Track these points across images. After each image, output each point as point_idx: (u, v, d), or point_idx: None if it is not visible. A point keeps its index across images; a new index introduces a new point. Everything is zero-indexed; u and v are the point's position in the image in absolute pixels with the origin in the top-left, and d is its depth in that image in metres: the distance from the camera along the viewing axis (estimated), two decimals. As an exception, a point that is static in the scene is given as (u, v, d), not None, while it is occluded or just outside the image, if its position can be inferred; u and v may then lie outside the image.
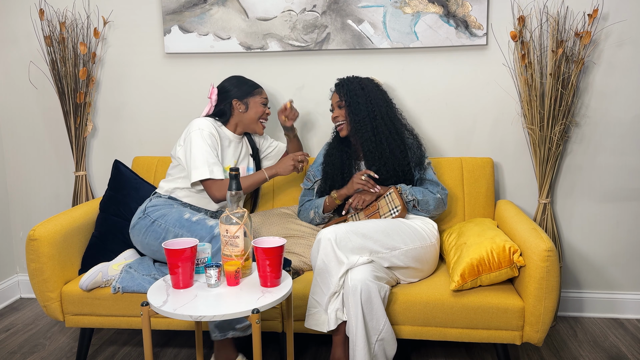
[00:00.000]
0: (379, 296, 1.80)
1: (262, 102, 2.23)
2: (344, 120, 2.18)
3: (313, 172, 2.30)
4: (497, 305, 1.85)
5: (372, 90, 2.18)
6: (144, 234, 2.05)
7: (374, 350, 1.80)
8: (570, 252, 2.51)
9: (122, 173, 2.34)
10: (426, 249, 1.99)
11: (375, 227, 1.93)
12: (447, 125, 2.49)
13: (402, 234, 1.95)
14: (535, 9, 2.33)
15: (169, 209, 2.07)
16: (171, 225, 2.01)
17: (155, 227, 2.03)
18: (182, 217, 2.01)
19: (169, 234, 2.00)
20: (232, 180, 1.64)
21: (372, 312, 1.79)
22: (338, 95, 2.19)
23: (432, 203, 2.09)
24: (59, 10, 2.59)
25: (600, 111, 2.39)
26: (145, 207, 2.10)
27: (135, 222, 2.09)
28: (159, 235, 2.02)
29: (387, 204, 2.06)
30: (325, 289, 1.87)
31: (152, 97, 2.63)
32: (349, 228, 1.89)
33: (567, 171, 2.45)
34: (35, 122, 2.73)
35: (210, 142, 2.08)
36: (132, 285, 1.97)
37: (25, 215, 2.83)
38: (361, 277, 1.79)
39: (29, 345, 2.34)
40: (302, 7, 2.43)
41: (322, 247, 1.86)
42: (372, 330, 1.80)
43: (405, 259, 1.93)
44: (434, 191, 2.11)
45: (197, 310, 1.46)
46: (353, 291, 1.78)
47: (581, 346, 2.24)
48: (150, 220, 2.05)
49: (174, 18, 2.51)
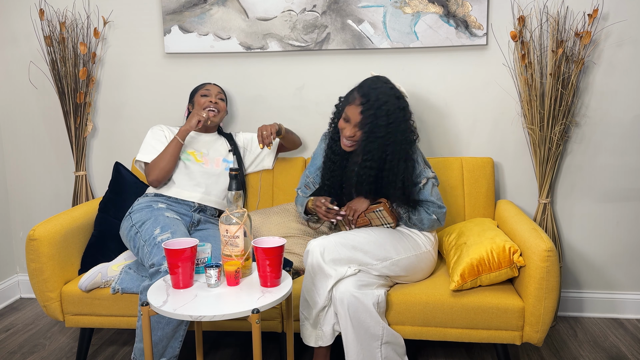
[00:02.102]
0: (369, 305, 1.78)
1: (202, 94, 2.33)
2: (355, 142, 1.95)
3: (312, 179, 2.15)
4: (497, 305, 1.85)
5: (394, 112, 1.89)
6: (126, 237, 2.10)
7: (382, 354, 1.80)
8: (570, 252, 2.51)
9: (122, 176, 2.34)
10: (420, 257, 1.96)
11: (366, 237, 1.89)
12: (447, 125, 2.49)
13: (395, 243, 1.92)
14: (535, 9, 2.33)
15: (146, 213, 2.08)
16: (142, 238, 2.00)
17: (133, 235, 2.05)
18: (153, 234, 1.98)
19: (140, 249, 1.98)
20: (231, 180, 1.64)
21: (365, 322, 1.78)
22: (361, 115, 1.89)
23: (427, 223, 1.97)
24: (59, 10, 2.59)
25: (600, 111, 2.39)
26: (132, 206, 2.17)
27: (123, 221, 2.15)
28: (136, 243, 2.02)
29: (378, 219, 1.99)
30: (312, 303, 1.86)
31: (152, 97, 2.63)
32: (338, 240, 1.86)
33: (567, 171, 2.45)
34: (35, 122, 2.73)
35: (148, 135, 2.27)
36: (132, 287, 1.97)
37: (25, 215, 2.83)
38: (345, 289, 1.78)
39: (29, 345, 2.34)
40: (302, 7, 2.43)
41: (309, 261, 1.85)
42: (370, 338, 1.79)
43: (396, 269, 1.91)
44: (430, 211, 1.96)
45: (197, 310, 1.46)
46: (340, 303, 1.78)
47: (581, 346, 2.24)
48: (131, 223, 2.08)
49: (174, 18, 2.51)
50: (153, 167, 2.18)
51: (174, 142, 2.19)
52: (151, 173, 2.18)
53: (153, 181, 2.18)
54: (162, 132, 2.28)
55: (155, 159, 2.19)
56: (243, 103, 2.57)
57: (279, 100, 2.56)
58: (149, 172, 2.19)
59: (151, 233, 1.97)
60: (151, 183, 2.19)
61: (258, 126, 2.40)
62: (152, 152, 2.22)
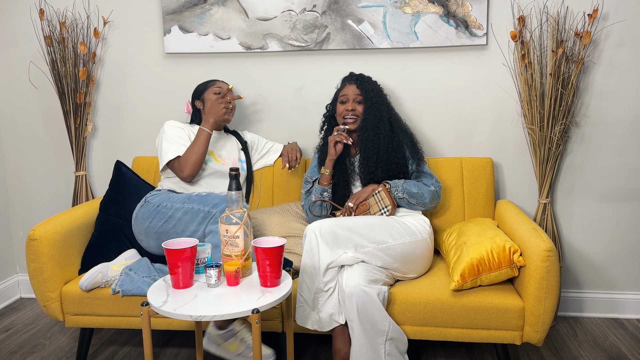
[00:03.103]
0: (377, 300, 1.79)
1: (215, 91, 2.30)
2: (358, 115, 2.17)
3: (310, 174, 2.26)
4: (497, 305, 1.85)
5: (381, 91, 2.22)
6: (147, 219, 2.07)
7: (386, 350, 1.81)
8: (570, 252, 2.51)
9: (123, 174, 2.34)
10: (416, 244, 1.99)
11: (362, 222, 1.95)
12: (447, 125, 2.49)
13: (390, 229, 1.96)
14: (535, 9, 2.33)
15: (167, 195, 2.11)
16: (179, 202, 2.03)
17: (161, 209, 2.05)
18: (191, 195, 2.05)
19: (177, 211, 2.02)
20: (232, 180, 1.64)
21: (373, 317, 1.79)
22: (359, 89, 2.18)
23: (428, 196, 2.09)
24: (59, 10, 2.59)
25: (600, 111, 2.39)
26: (145, 197, 2.15)
27: (137, 211, 2.12)
28: (164, 215, 2.04)
29: (376, 203, 2.07)
30: (310, 284, 1.88)
31: (152, 97, 2.63)
32: (335, 222, 1.90)
33: (567, 171, 2.45)
34: (35, 122, 2.73)
35: (169, 132, 2.20)
36: (132, 289, 1.97)
37: (25, 215, 2.83)
38: (355, 283, 1.79)
39: (29, 345, 2.34)
40: (302, 7, 2.43)
41: (307, 241, 1.88)
42: (376, 334, 1.80)
43: (392, 253, 1.93)
44: (429, 184, 2.11)
45: (197, 310, 1.46)
46: (349, 298, 1.78)
47: (581, 346, 2.24)
48: (154, 205, 2.08)
49: (174, 18, 2.51)
50: (185, 162, 2.14)
51: (204, 135, 2.16)
52: (184, 168, 2.14)
53: (187, 176, 2.14)
54: (180, 129, 2.24)
55: (186, 153, 2.15)
56: (243, 103, 2.57)
57: (279, 100, 2.56)
58: (181, 167, 2.14)
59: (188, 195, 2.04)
60: (185, 179, 2.15)
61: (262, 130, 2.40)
62: (180, 147, 2.18)
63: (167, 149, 2.17)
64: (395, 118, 2.21)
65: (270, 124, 2.58)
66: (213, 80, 2.35)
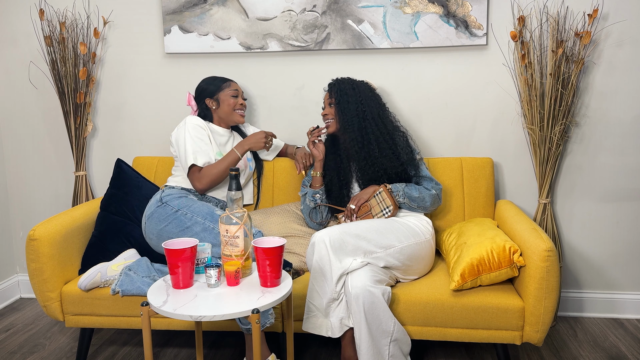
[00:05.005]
0: (382, 300, 1.80)
1: (232, 94, 2.28)
2: (332, 118, 2.19)
3: (307, 178, 2.29)
4: (497, 305, 1.85)
5: (364, 91, 2.19)
6: (163, 221, 2.05)
7: (389, 351, 1.81)
8: (570, 252, 2.51)
9: (124, 172, 2.34)
10: (421, 245, 1.99)
11: (368, 226, 1.94)
12: (447, 125, 2.49)
13: (396, 232, 1.96)
14: (535, 9, 2.33)
15: (185, 200, 2.09)
16: (200, 216, 2.02)
17: (180, 216, 2.03)
18: (214, 212, 2.03)
19: (197, 225, 2.00)
20: (232, 181, 1.64)
21: (379, 317, 1.79)
22: (329, 94, 2.21)
23: (429, 200, 2.09)
24: (59, 10, 2.59)
25: (600, 111, 2.39)
26: (161, 196, 2.12)
27: (153, 211, 2.09)
28: (183, 224, 2.02)
29: (378, 204, 2.07)
30: (322, 293, 1.87)
31: (152, 97, 2.63)
32: (342, 229, 1.89)
33: (567, 171, 2.45)
34: (35, 122, 2.73)
35: (193, 133, 2.16)
36: (132, 289, 1.97)
37: (25, 215, 2.83)
38: (361, 284, 1.79)
39: (29, 345, 2.34)
40: (302, 7, 2.43)
41: (317, 251, 1.87)
42: (381, 334, 1.80)
43: (400, 257, 1.93)
44: (429, 187, 2.12)
45: (197, 310, 1.46)
46: (355, 299, 1.79)
47: (581, 346, 2.24)
48: (173, 209, 2.06)
49: (174, 18, 2.51)
50: (206, 175, 2.12)
51: (234, 158, 2.16)
52: (202, 181, 2.13)
53: (202, 190, 2.14)
54: (202, 129, 2.20)
55: (211, 169, 2.13)
56: (243, 103, 2.57)
57: (279, 100, 2.56)
58: (200, 178, 2.13)
59: (211, 210, 2.02)
60: (198, 190, 2.15)
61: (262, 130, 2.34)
62: (205, 156, 2.14)
63: (194, 151, 2.13)
64: (385, 115, 2.19)
65: (270, 124, 2.58)
66: (227, 81, 2.31)
